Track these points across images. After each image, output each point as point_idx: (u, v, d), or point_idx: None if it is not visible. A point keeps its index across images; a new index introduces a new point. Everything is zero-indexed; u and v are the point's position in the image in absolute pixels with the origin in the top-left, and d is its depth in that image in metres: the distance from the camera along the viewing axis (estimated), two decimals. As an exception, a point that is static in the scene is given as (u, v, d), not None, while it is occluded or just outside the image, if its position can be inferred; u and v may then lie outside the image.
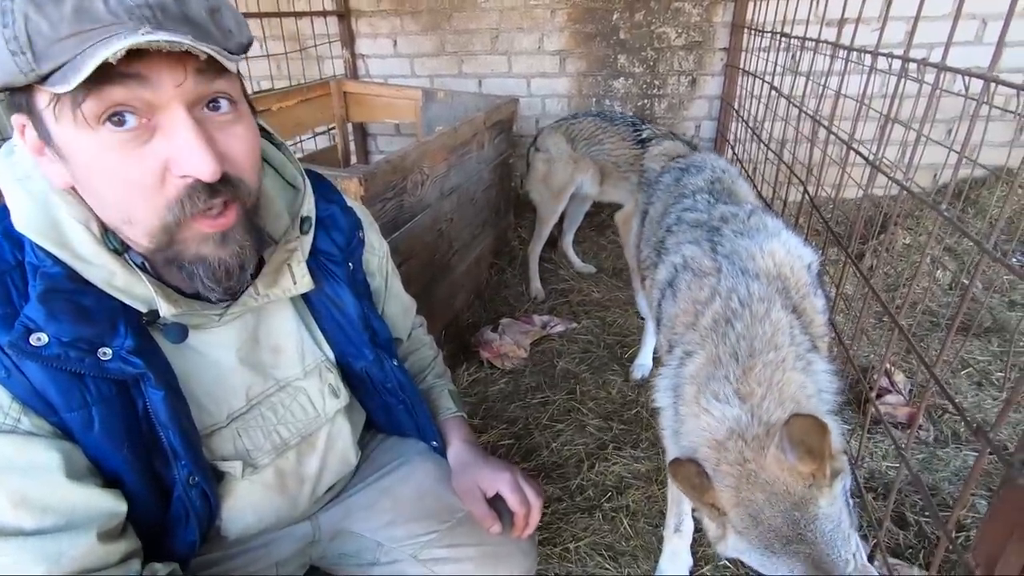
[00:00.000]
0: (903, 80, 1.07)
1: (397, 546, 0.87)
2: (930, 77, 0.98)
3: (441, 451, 0.96)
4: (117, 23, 0.50)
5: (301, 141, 2.86)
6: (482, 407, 1.84)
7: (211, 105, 0.57)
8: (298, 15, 2.98)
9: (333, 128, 3.03)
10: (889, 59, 1.14)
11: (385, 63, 3.27)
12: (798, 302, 0.98)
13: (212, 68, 0.55)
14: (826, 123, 1.35)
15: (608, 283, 2.57)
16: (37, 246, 0.58)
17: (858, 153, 1.19)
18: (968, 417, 0.74)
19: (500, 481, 0.87)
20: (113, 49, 0.47)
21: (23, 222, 0.58)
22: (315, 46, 3.10)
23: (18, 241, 0.59)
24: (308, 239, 0.76)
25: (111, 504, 0.60)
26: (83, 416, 0.58)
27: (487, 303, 2.45)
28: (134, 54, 0.49)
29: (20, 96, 0.54)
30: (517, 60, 3.09)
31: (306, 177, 0.78)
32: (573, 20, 2.94)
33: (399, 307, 1.01)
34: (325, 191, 0.82)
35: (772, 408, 0.82)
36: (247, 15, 2.58)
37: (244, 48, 0.61)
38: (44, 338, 0.55)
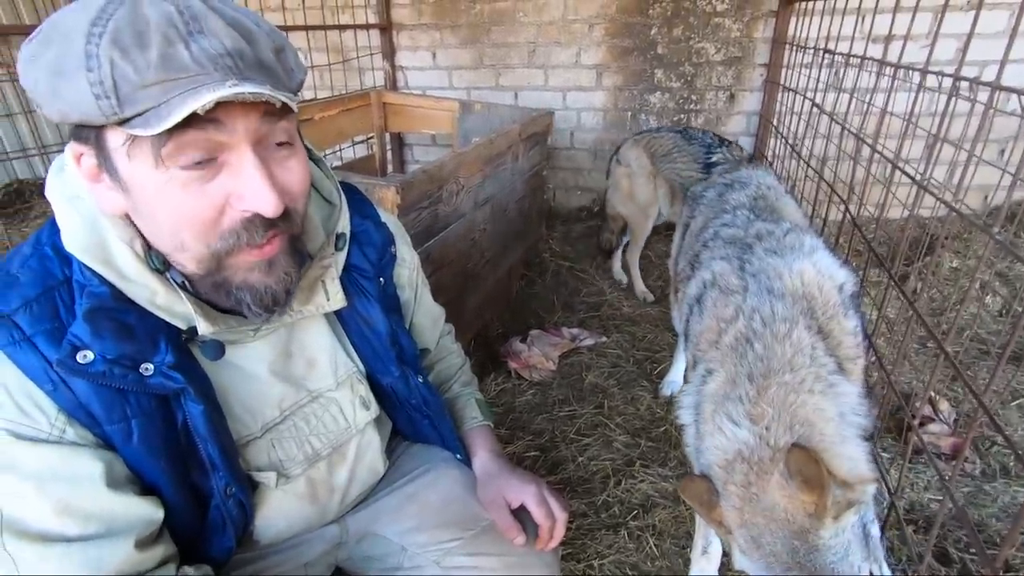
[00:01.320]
0: (954, 99, 1.03)
1: (421, 551, 0.87)
2: (982, 96, 0.95)
3: (465, 463, 0.96)
4: (202, 73, 0.51)
5: (341, 150, 2.94)
6: (509, 418, 1.84)
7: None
8: (342, 28, 3.08)
9: (372, 138, 3.10)
10: (939, 77, 1.11)
11: (424, 75, 3.34)
12: (824, 323, 0.95)
13: (280, 110, 0.57)
14: (870, 141, 1.32)
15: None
16: (84, 265, 0.59)
17: (904, 172, 1.15)
18: (1020, 451, 0.71)
19: (526, 493, 0.87)
20: (202, 101, 0.49)
21: (73, 242, 0.59)
22: (357, 58, 3.19)
23: (67, 258, 0.60)
24: (342, 255, 0.77)
25: (149, 511, 0.62)
26: (123, 428, 0.59)
27: (517, 314, 2.45)
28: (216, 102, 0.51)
29: (89, 131, 0.56)
30: (554, 73, 3.11)
31: (342, 192, 0.79)
32: (611, 35, 2.95)
33: (428, 318, 1.02)
34: (359, 205, 0.83)
35: (780, 432, 0.81)
36: (293, 28, 2.67)
37: (303, 84, 0.63)
38: (90, 355, 0.56)
